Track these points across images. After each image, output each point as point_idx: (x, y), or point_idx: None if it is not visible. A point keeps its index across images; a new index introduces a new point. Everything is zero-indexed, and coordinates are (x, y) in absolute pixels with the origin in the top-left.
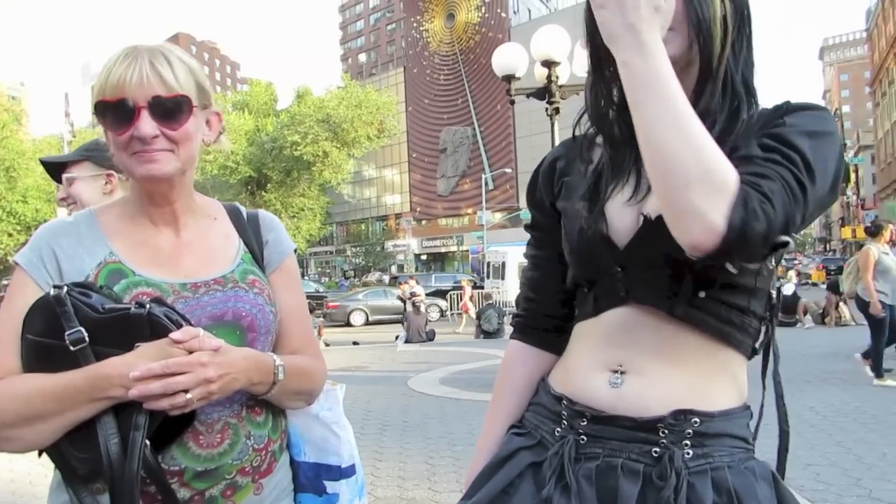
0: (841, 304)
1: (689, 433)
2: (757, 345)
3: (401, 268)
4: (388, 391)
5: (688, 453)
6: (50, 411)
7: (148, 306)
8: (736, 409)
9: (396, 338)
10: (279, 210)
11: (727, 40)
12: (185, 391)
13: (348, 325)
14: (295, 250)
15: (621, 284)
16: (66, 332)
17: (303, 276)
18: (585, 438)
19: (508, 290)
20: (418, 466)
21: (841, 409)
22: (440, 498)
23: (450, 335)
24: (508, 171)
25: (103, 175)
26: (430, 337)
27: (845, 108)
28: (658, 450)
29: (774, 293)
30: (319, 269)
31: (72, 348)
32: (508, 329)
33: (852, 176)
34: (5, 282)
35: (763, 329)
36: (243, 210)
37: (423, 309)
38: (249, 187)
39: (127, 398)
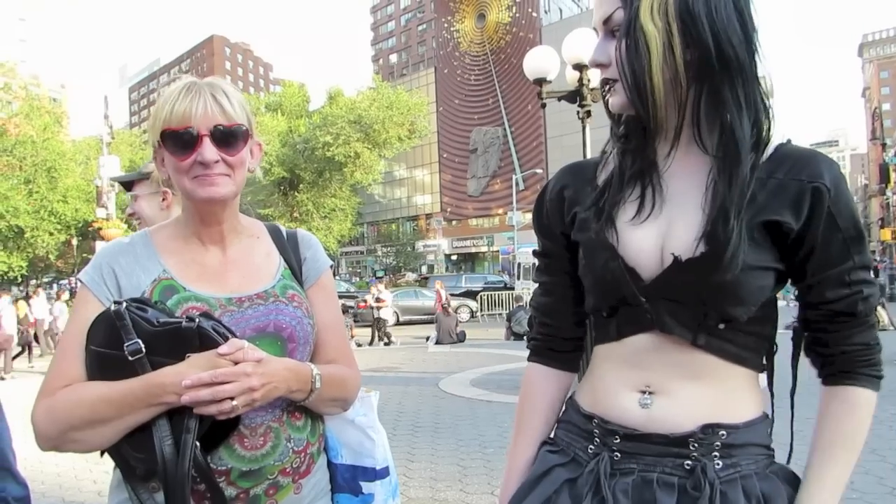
0: (879, 307)
1: (717, 445)
2: (764, 360)
3: (431, 268)
4: (419, 392)
5: (718, 464)
6: (111, 416)
7: (197, 320)
8: (757, 419)
9: (427, 339)
10: (311, 210)
11: (684, 92)
12: (231, 398)
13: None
14: (330, 266)
15: (647, 314)
16: (125, 344)
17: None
18: (619, 455)
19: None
20: (450, 468)
21: (878, 416)
22: (471, 500)
23: (479, 338)
24: (539, 171)
25: (159, 192)
26: (461, 338)
27: (885, 106)
28: (690, 462)
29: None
30: (350, 269)
31: (130, 358)
32: None
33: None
34: (45, 279)
35: (772, 346)
36: (283, 229)
37: (452, 311)
38: (282, 188)
39: (179, 404)
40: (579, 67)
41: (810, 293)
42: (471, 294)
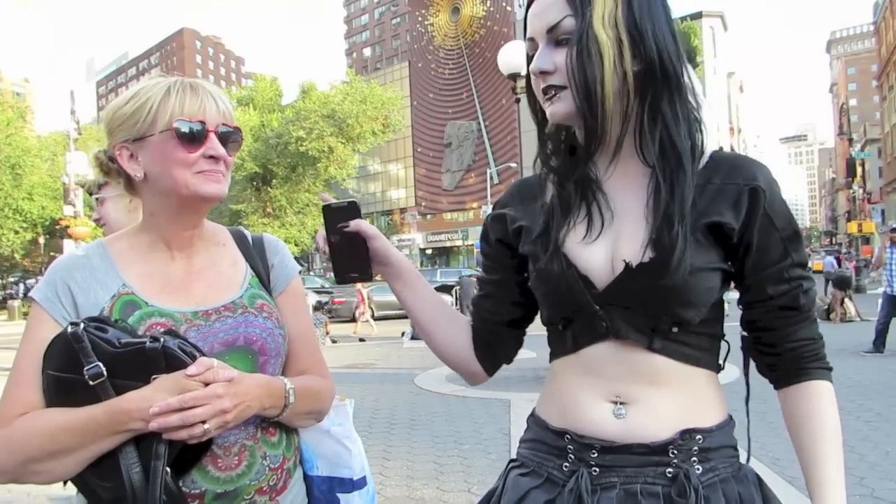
0: (846, 299)
1: (695, 450)
2: (721, 361)
3: None
4: (394, 389)
5: (698, 469)
6: (73, 445)
7: (162, 340)
8: (725, 420)
9: (402, 334)
10: (284, 206)
11: (630, 100)
12: (203, 422)
13: (353, 321)
14: (299, 271)
15: (602, 322)
16: (85, 368)
17: (308, 271)
18: (598, 469)
19: None
20: (426, 466)
21: (845, 406)
22: (448, 498)
23: None
24: (514, 165)
25: (126, 194)
26: None
27: (852, 102)
28: (671, 470)
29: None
30: (325, 265)
31: (91, 383)
32: None
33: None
34: (11, 279)
35: (725, 346)
36: (248, 234)
37: None
38: (255, 183)
39: (147, 430)
40: None
41: (751, 291)
42: (446, 288)
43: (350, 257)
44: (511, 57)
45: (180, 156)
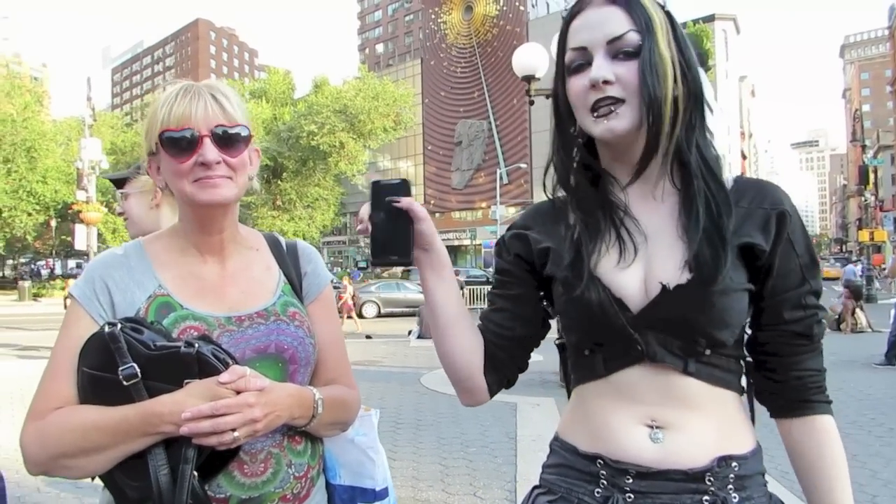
0: (857, 310)
1: (731, 477)
2: (742, 382)
3: None
4: (401, 388)
5: (734, 497)
6: (105, 444)
7: (196, 346)
8: (757, 447)
9: (409, 332)
10: (294, 199)
11: (678, 120)
12: (233, 430)
13: (360, 316)
14: (331, 280)
15: (637, 346)
16: (120, 368)
17: None
18: (633, 496)
19: None
20: (432, 467)
21: (856, 420)
22: (453, 500)
23: None
24: (523, 165)
25: (150, 191)
26: None
27: (865, 108)
28: (708, 498)
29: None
30: (332, 259)
31: (125, 383)
32: None
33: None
34: (23, 260)
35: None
36: (282, 240)
37: None
38: (265, 176)
39: (177, 434)
40: None
41: (766, 314)
42: None
43: (392, 239)
44: (526, 59)
45: (174, 166)
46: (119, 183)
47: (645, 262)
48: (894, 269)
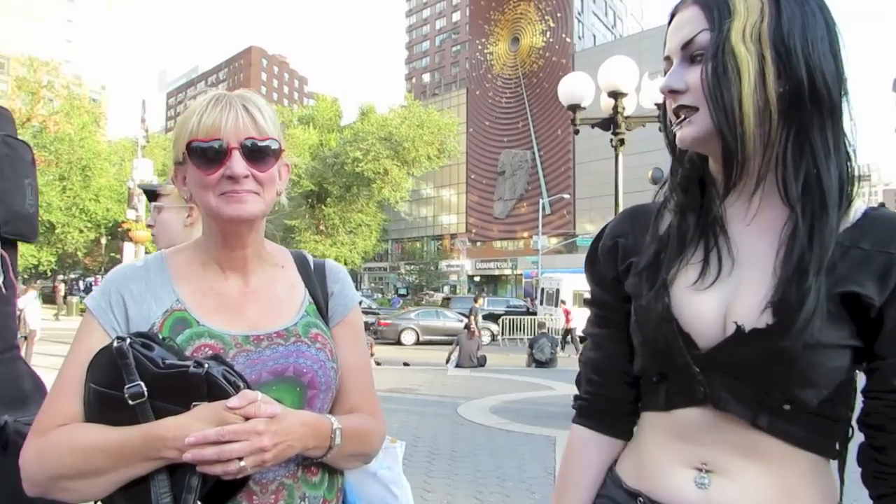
0: None
1: None
2: (837, 446)
3: (454, 288)
4: (437, 417)
5: None
6: (105, 467)
7: (206, 366)
8: None
9: (447, 361)
10: (337, 225)
11: (773, 127)
12: (240, 459)
13: (398, 343)
14: (360, 302)
15: (700, 387)
16: (126, 386)
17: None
18: None
19: (561, 317)
20: (467, 501)
21: None
22: None
23: (499, 363)
24: (566, 196)
25: (187, 207)
26: (482, 363)
27: None
28: None
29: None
30: (373, 285)
31: (130, 402)
32: (561, 358)
33: None
34: (73, 276)
35: (847, 430)
36: (310, 258)
37: (476, 333)
38: (310, 200)
39: (181, 460)
40: (615, 95)
41: (873, 379)
42: (492, 317)
43: None
44: (572, 88)
45: (201, 178)
46: (154, 195)
47: (730, 292)
48: None
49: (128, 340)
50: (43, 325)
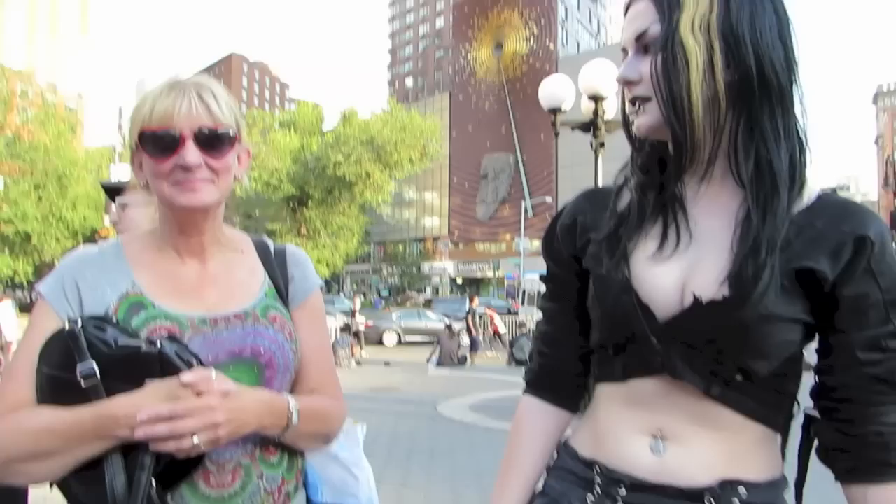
0: None
1: (735, 503)
2: (783, 421)
3: (436, 290)
4: (416, 415)
5: None
6: (57, 448)
7: (159, 344)
8: (778, 479)
9: (428, 360)
10: (319, 228)
11: (722, 114)
12: (193, 435)
13: (380, 344)
14: (320, 286)
15: (657, 357)
16: (78, 368)
17: (338, 292)
18: None
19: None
20: (444, 496)
21: None
22: None
23: (480, 362)
24: (549, 199)
25: (155, 201)
26: (462, 361)
27: None
28: None
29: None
30: (355, 287)
31: (83, 383)
32: None
33: None
34: None
35: (793, 405)
36: (271, 244)
37: (456, 333)
38: (291, 204)
39: (133, 439)
40: (595, 98)
41: (835, 354)
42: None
43: None
44: (552, 90)
45: (153, 166)
46: (116, 191)
47: (688, 266)
48: None
49: (79, 322)
50: (20, 335)
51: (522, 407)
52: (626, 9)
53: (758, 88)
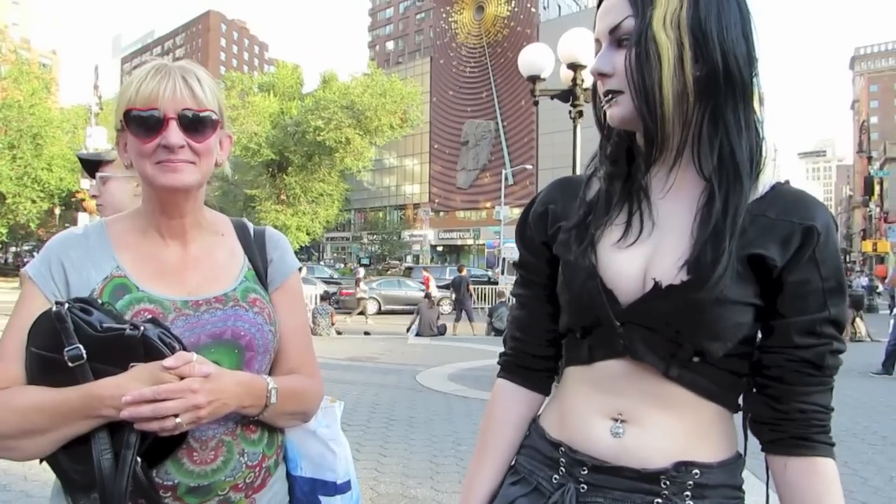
0: (857, 319)
1: (689, 484)
2: (740, 400)
3: (417, 258)
4: (396, 385)
5: None
6: (46, 426)
7: (142, 328)
8: (731, 458)
9: (408, 329)
10: (298, 194)
11: (690, 107)
12: (176, 416)
13: (361, 313)
14: (298, 268)
15: (620, 339)
16: (65, 349)
17: (318, 260)
18: (586, 487)
19: None
20: (422, 464)
21: (850, 428)
22: (442, 498)
23: (460, 332)
24: (529, 167)
25: (136, 176)
26: (442, 331)
27: (873, 119)
28: (660, 501)
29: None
30: (335, 255)
31: (70, 364)
32: None
33: (876, 189)
34: (26, 247)
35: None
36: (250, 226)
37: (435, 303)
38: (270, 169)
39: (118, 419)
40: (574, 67)
41: (773, 335)
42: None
43: None
44: (532, 59)
45: (137, 146)
46: (94, 166)
47: (650, 253)
48: (893, 280)
49: (66, 305)
50: None
51: (496, 390)
52: (600, 0)
53: (723, 82)
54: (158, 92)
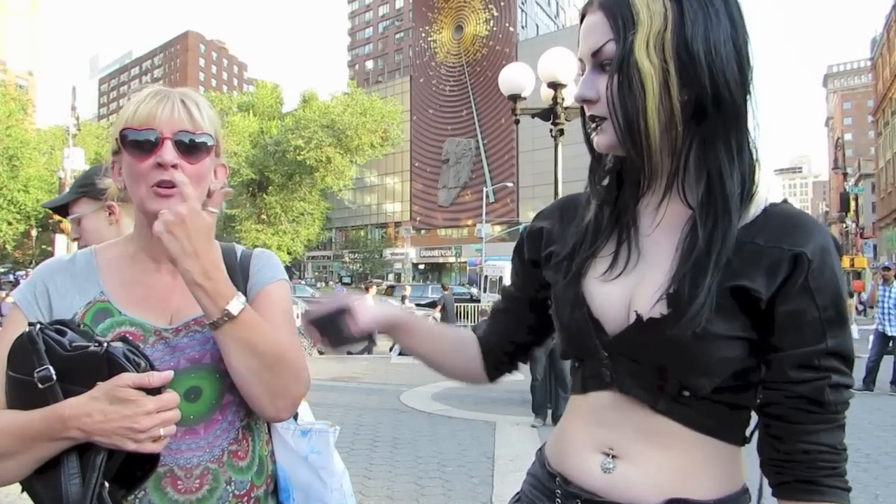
0: None
1: None
2: (748, 433)
3: (398, 276)
4: (379, 405)
5: None
6: (14, 450)
7: (105, 344)
8: (734, 494)
9: (391, 349)
10: (279, 213)
11: (678, 135)
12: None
13: None
14: (282, 279)
15: (607, 371)
16: (35, 370)
17: (300, 279)
18: None
19: None
20: (407, 486)
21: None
22: None
23: None
24: (510, 184)
25: (104, 207)
26: None
27: (847, 136)
28: None
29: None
30: (317, 274)
31: (40, 386)
32: None
33: (852, 204)
34: (2, 269)
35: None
36: (238, 250)
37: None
38: (251, 189)
39: (85, 440)
40: (554, 86)
41: (770, 370)
42: (435, 305)
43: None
44: (512, 78)
45: (133, 165)
46: (63, 210)
47: (634, 284)
48: (873, 297)
49: (38, 326)
50: None
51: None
52: (582, 17)
53: (712, 106)
54: (156, 113)
